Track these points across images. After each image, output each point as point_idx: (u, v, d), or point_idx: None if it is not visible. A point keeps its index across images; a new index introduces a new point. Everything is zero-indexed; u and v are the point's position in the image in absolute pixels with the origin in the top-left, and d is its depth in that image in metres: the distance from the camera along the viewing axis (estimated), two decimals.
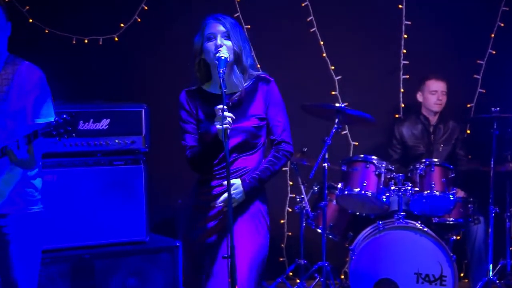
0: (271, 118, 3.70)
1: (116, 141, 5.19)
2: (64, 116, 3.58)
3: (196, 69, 3.66)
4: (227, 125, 3.37)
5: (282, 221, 6.53)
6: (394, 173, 5.64)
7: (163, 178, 5.88)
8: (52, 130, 3.54)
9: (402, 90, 6.72)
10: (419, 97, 6.34)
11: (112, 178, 5.15)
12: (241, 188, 3.60)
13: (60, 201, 5.00)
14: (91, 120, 5.15)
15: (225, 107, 3.36)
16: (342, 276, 6.35)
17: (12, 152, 3.58)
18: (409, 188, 5.55)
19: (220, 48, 3.53)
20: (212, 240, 3.65)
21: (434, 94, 6.22)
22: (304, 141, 5.84)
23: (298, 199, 5.76)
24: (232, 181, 3.54)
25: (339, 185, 5.62)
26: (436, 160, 5.80)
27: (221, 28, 3.58)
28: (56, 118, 3.58)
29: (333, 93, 6.54)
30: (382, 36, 6.65)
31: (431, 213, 5.75)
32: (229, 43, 3.58)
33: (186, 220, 3.78)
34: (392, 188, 5.56)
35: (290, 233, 6.52)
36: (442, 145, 6.31)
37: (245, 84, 3.67)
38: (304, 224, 5.79)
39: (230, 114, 3.39)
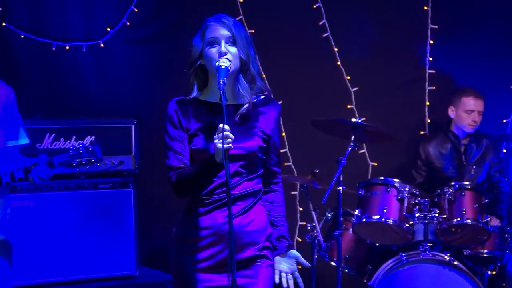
0: (276, 146, 3.75)
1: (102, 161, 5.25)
2: (83, 145, 3.70)
3: (193, 76, 3.63)
4: (230, 146, 3.33)
5: None
6: (419, 198, 5.64)
7: (155, 203, 5.92)
8: (71, 160, 3.65)
9: (427, 103, 6.78)
10: (451, 112, 6.35)
11: (97, 204, 5.20)
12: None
13: (37, 230, 5.05)
14: (74, 137, 5.21)
15: (226, 126, 3.32)
16: None
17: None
18: (436, 215, 5.56)
19: (224, 57, 3.50)
20: (207, 278, 3.63)
21: (469, 114, 6.23)
22: (315, 161, 5.88)
23: (309, 228, 5.72)
24: (296, 254, 3.92)
25: (356, 212, 5.64)
26: (467, 183, 5.81)
27: (226, 32, 3.56)
28: (78, 148, 3.70)
29: (349, 106, 6.61)
30: (405, 42, 6.72)
31: (462, 244, 5.79)
32: (234, 49, 3.55)
33: (174, 256, 3.76)
34: (417, 215, 5.56)
35: (299, 267, 6.54)
36: (474, 167, 6.32)
37: (254, 96, 3.66)
38: (316, 256, 5.76)
39: (231, 135, 3.34)
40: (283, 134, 6.36)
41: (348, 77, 6.59)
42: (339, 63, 6.56)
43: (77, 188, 5.19)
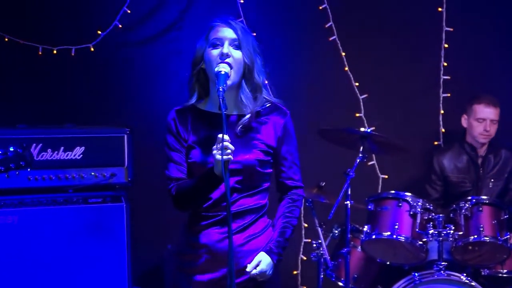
0: (285, 157, 3.75)
1: (92, 173, 5.26)
2: (14, 148, 3.69)
3: (194, 80, 3.67)
4: (229, 157, 3.37)
5: (295, 272, 6.59)
6: (433, 214, 5.64)
7: (149, 219, 5.94)
8: None
9: (442, 111, 6.79)
10: (464, 121, 6.35)
11: (87, 219, 5.19)
12: (270, 262, 3.65)
13: (22, 248, 5.03)
14: (62, 148, 5.21)
15: (226, 136, 3.35)
16: None
17: None
18: (452, 232, 5.54)
19: (226, 60, 3.53)
20: None
21: (481, 123, 6.22)
22: (321, 173, 5.89)
23: (314, 245, 5.70)
24: (258, 257, 3.63)
25: (365, 228, 5.65)
26: (485, 197, 5.81)
27: (231, 35, 3.60)
28: (5, 151, 3.69)
29: (358, 115, 6.63)
30: (418, 46, 6.73)
31: (480, 263, 5.79)
32: (238, 54, 3.59)
33: (171, 271, 3.79)
34: (431, 231, 5.54)
35: (304, 287, 6.56)
36: (492, 180, 6.31)
37: (257, 107, 3.68)
38: (322, 276, 5.74)
39: (231, 146, 3.38)
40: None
41: (357, 84, 6.60)
42: (347, 68, 6.57)
43: (66, 202, 5.18)
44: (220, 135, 3.36)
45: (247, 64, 3.61)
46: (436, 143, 6.80)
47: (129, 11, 6.06)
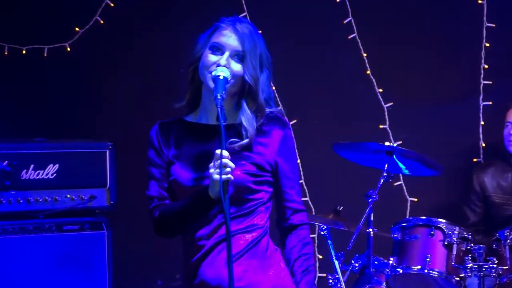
0: (288, 176, 3.70)
1: (68, 196, 5.24)
2: (1, 166, 3.71)
3: (189, 80, 3.65)
4: (229, 176, 3.34)
5: None
6: (472, 244, 5.59)
7: (135, 249, 5.91)
8: None
9: (482, 122, 6.72)
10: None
11: (63, 250, 5.16)
12: None
13: None
14: (32, 166, 5.19)
15: (225, 152, 3.33)
16: None
17: None
18: (495, 265, 5.48)
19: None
20: None
21: (507, 127, 6.23)
22: (339, 196, 5.85)
23: (330, 281, 5.67)
24: None
25: (391, 261, 5.61)
26: None
27: (235, 43, 3.54)
28: None
29: (381, 126, 6.61)
30: (453, 45, 6.67)
31: None
32: (238, 67, 3.53)
33: None
34: (469, 265, 5.48)
35: None
36: None
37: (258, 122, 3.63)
38: None
39: (231, 163, 3.35)
40: (298, 161, 6.36)
41: (381, 90, 6.58)
42: (369, 72, 6.55)
43: (36, 230, 5.16)
44: (218, 151, 3.33)
45: (247, 82, 3.55)
46: (475, 160, 6.74)
47: (112, 4, 6.07)
